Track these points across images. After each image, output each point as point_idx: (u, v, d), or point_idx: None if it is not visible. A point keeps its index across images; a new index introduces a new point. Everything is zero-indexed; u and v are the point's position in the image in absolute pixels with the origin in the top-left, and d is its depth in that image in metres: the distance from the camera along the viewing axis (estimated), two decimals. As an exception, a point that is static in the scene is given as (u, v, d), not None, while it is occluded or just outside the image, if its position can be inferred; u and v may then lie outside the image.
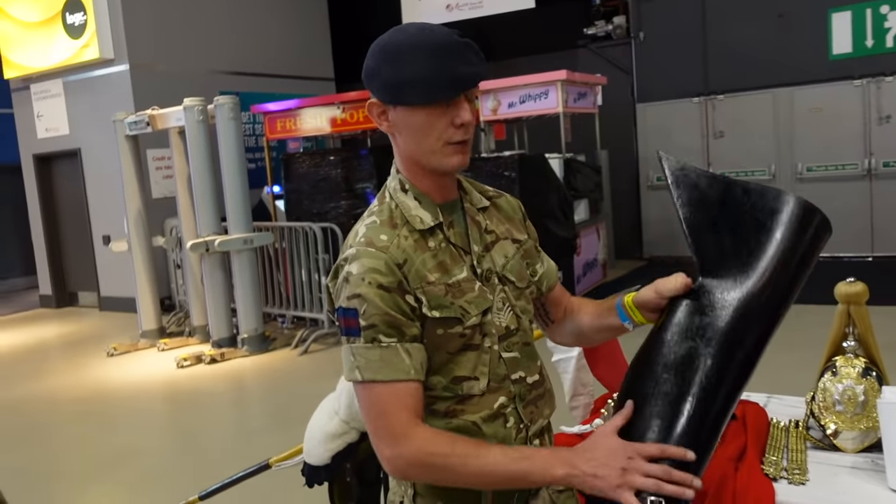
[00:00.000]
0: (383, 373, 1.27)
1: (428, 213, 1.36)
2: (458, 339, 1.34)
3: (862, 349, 1.96)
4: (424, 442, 1.26)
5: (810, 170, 9.01)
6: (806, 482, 1.77)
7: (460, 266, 1.36)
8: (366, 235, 1.33)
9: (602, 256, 8.69)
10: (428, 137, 1.31)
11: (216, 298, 6.90)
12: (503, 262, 1.43)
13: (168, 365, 6.63)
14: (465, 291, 1.35)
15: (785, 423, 2.09)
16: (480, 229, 1.43)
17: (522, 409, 1.40)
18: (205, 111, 6.78)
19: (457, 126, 1.31)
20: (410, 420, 1.28)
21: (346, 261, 1.32)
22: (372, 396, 1.29)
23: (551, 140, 8.21)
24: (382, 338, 1.28)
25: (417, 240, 1.34)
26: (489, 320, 1.37)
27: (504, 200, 1.53)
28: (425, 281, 1.32)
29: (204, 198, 6.84)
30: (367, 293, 1.28)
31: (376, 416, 1.29)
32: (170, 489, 3.73)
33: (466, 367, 1.35)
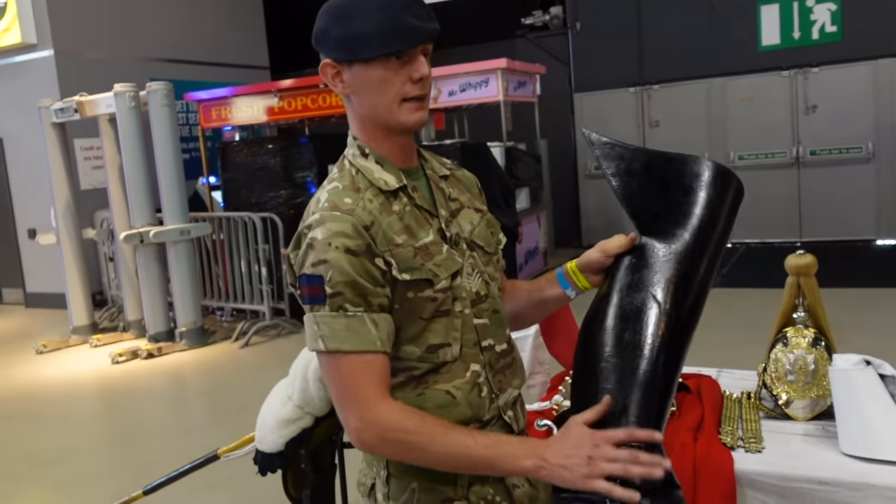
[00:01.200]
0: (349, 342, 1.23)
1: (391, 175, 1.33)
2: (430, 303, 1.31)
3: (811, 320, 2.01)
4: (393, 416, 1.23)
5: (742, 158, 9.27)
6: (762, 450, 1.81)
7: (426, 229, 1.33)
8: (329, 200, 1.29)
9: (543, 244, 8.77)
10: (385, 94, 1.28)
11: (152, 291, 6.68)
12: (470, 227, 1.42)
13: (102, 361, 6.40)
14: (433, 254, 1.32)
15: (737, 394, 2.13)
16: (445, 196, 1.41)
17: (492, 377, 1.38)
18: (137, 98, 6.54)
19: (414, 81, 1.28)
20: (378, 393, 1.24)
21: (309, 227, 1.27)
22: (337, 367, 1.24)
23: (492, 129, 8.23)
24: (349, 306, 1.23)
25: (382, 202, 1.30)
26: (459, 284, 1.35)
27: (461, 174, 1.53)
28: (393, 243, 1.28)
29: (137, 188, 6.61)
30: (334, 258, 1.23)
31: (342, 386, 1.25)
32: (109, 488, 3.60)
33: (440, 333, 1.32)
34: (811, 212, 8.94)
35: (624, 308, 1.36)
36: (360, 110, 1.33)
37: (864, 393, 1.74)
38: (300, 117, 8.37)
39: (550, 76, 9.33)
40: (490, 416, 1.37)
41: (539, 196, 8.90)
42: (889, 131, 8.54)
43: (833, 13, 8.71)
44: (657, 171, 1.45)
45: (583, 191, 10.22)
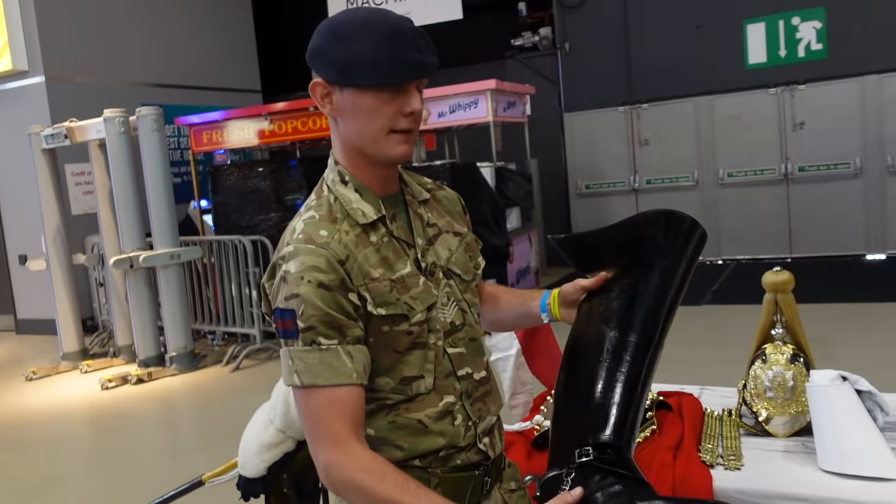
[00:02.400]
0: (323, 377, 1.21)
1: (370, 205, 1.31)
2: (406, 336, 1.30)
3: (789, 336, 2.02)
4: (357, 466, 1.21)
5: (731, 175, 9.33)
6: (741, 467, 1.81)
7: (404, 261, 1.32)
8: (304, 231, 1.27)
9: (535, 264, 8.78)
10: (373, 123, 1.26)
11: (142, 316, 6.66)
12: (447, 255, 1.40)
13: (92, 387, 6.36)
14: (409, 287, 1.30)
15: (719, 412, 2.14)
16: (423, 222, 1.39)
17: (470, 406, 1.37)
18: (126, 123, 6.56)
19: (405, 114, 1.27)
20: (350, 433, 1.22)
21: (283, 259, 1.25)
22: (311, 402, 1.23)
23: (482, 149, 8.29)
24: (322, 340, 1.22)
25: (359, 234, 1.29)
26: (434, 316, 1.33)
27: (443, 193, 1.51)
28: (369, 277, 1.27)
29: (127, 212, 6.61)
30: (306, 293, 1.21)
31: (314, 421, 1.23)
32: (96, 514, 3.56)
33: (414, 366, 1.31)
34: (800, 228, 8.99)
35: (585, 340, 1.44)
36: (346, 136, 1.31)
37: (840, 409, 1.74)
38: (291, 140, 8.40)
39: (540, 96, 9.40)
40: (466, 443, 1.36)
41: (530, 215, 8.93)
42: (876, 147, 8.62)
43: (818, 31, 8.82)
44: (613, 238, 1.55)
45: (574, 210, 10.26)
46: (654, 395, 2.11)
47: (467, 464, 1.36)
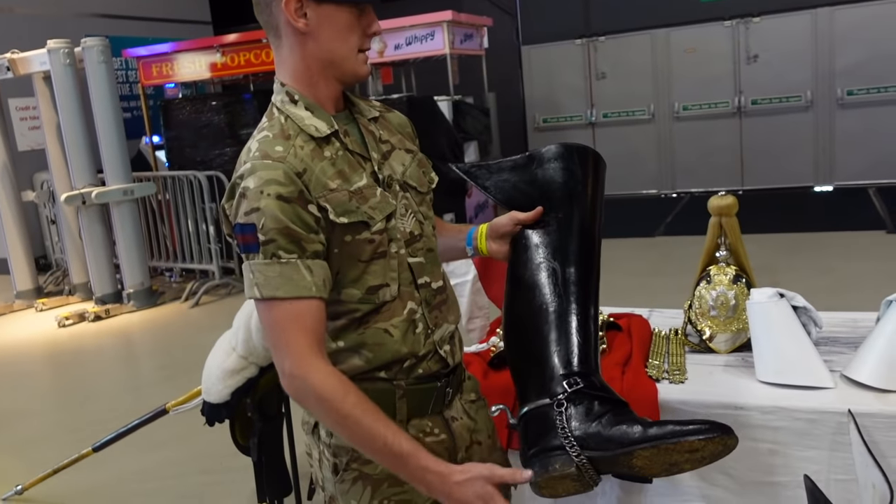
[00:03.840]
0: (283, 290, 1.24)
1: (322, 121, 1.34)
2: (368, 245, 1.33)
3: (732, 258, 2.11)
4: (321, 379, 1.24)
5: (686, 108, 9.42)
6: (684, 381, 1.91)
7: (360, 173, 1.35)
8: (259, 149, 1.29)
9: (493, 198, 8.82)
10: (348, 41, 1.31)
11: (97, 253, 6.58)
12: (402, 168, 1.44)
13: (48, 325, 6.31)
14: (367, 197, 1.34)
15: (666, 331, 2.23)
16: (375, 138, 1.42)
17: (428, 313, 1.42)
18: (72, 54, 6.34)
19: (369, 34, 1.33)
20: (312, 345, 1.25)
21: (241, 177, 1.27)
22: (272, 314, 1.26)
23: (439, 83, 8.20)
24: (282, 253, 1.24)
25: (314, 149, 1.31)
26: (394, 225, 1.38)
27: (393, 115, 1.53)
28: (327, 188, 1.30)
29: (77, 148, 6.44)
30: (266, 206, 1.23)
31: (277, 333, 1.26)
32: (60, 447, 3.60)
33: (378, 274, 1.35)
34: (752, 160, 9.16)
35: (531, 275, 1.52)
36: (315, 52, 1.32)
37: (777, 324, 1.84)
38: (244, 73, 8.21)
39: (497, 29, 9.29)
40: (426, 350, 1.42)
41: (488, 150, 8.92)
42: (826, 80, 8.76)
43: (774, -38, 8.83)
44: (525, 170, 1.62)
45: (532, 144, 10.28)
46: (605, 317, 2.19)
47: (429, 374, 1.42)
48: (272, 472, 2.50)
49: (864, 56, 8.51)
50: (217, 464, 3.38)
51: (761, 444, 1.75)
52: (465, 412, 1.52)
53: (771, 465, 1.75)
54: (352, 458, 1.39)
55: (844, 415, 1.65)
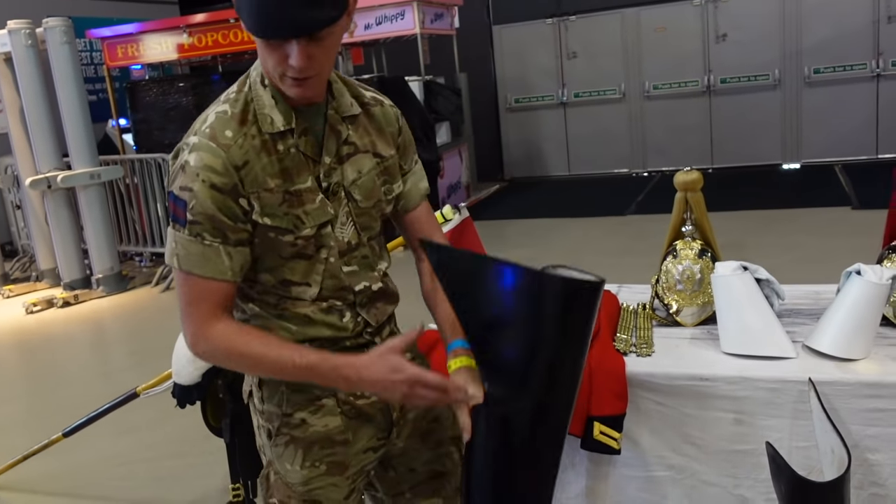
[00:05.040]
0: (200, 268, 1.29)
1: (281, 116, 1.31)
2: (290, 247, 1.35)
3: (698, 232, 2.14)
4: (223, 338, 1.30)
5: (657, 87, 9.47)
6: (652, 354, 1.94)
7: (305, 176, 1.34)
8: (212, 126, 1.29)
9: (465, 179, 8.84)
10: (266, 63, 1.28)
11: (64, 238, 6.48)
12: (354, 176, 1.40)
13: (15, 311, 6.22)
14: (304, 202, 1.33)
15: (634, 306, 2.26)
16: (339, 140, 1.38)
17: (366, 313, 1.44)
18: (34, 35, 6.20)
19: (287, 64, 1.23)
20: (216, 313, 1.31)
21: (187, 146, 1.29)
22: (186, 285, 1.31)
23: (410, 63, 8.16)
24: (206, 236, 1.28)
25: (266, 141, 1.30)
26: (328, 233, 1.37)
27: (380, 110, 1.47)
28: (263, 187, 1.30)
29: (41, 131, 6.32)
30: (199, 190, 1.26)
31: (187, 303, 1.32)
32: (30, 433, 3.56)
33: (297, 272, 1.37)
34: (721, 138, 9.25)
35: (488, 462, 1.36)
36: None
37: (740, 295, 1.88)
38: (212, 54, 8.09)
39: (468, 8, 9.25)
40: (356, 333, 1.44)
41: (460, 130, 8.92)
42: (794, 58, 8.85)
43: (742, -59, 8.87)
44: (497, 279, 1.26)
45: (504, 124, 10.29)
46: (574, 292, 2.21)
47: (356, 346, 1.44)
48: (245, 453, 2.50)
49: (830, 35, 8.61)
50: (190, 446, 3.37)
51: (726, 413, 1.78)
52: None
53: (735, 434, 1.79)
54: (282, 423, 1.43)
55: (806, 384, 1.69)
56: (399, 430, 1.53)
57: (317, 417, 1.42)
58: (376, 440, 1.50)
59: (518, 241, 6.68)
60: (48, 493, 3.23)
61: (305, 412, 1.42)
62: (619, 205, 7.90)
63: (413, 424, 1.55)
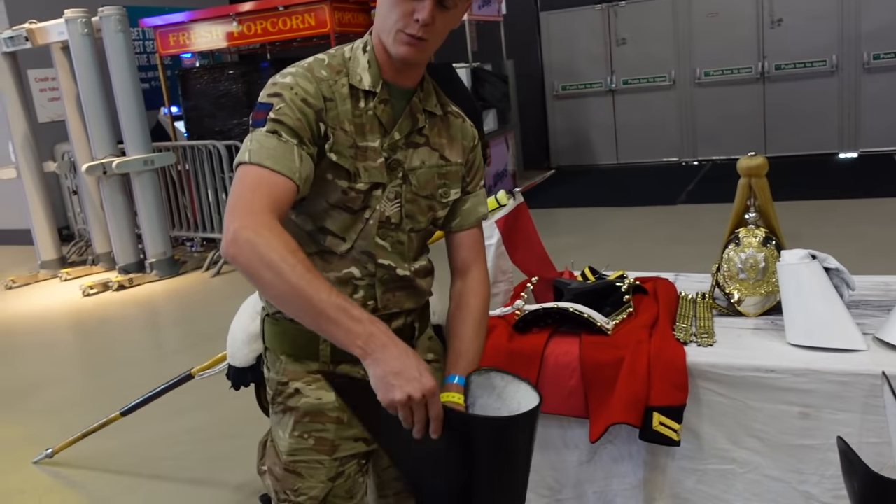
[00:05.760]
0: (272, 160, 1.26)
1: (370, 77, 1.37)
2: (341, 194, 1.36)
3: (762, 220, 2.08)
4: (272, 232, 1.19)
5: (708, 74, 9.27)
6: (713, 344, 1.90)
7: (374, 138, 1.37)
8: (310, 64, 1.36)
9: (512, 167, 8.78)
10: (388, 17, 1.32)
11: (119, 223, 6.62)
12: (417, 164, 1.42)
13: (73, 294, 6.38)
14: (367, 158, 1.37)
15: (693, 295, 2.21)
16: (414, 125, 1.41)
17: (381, 293, 1.42)
18: (90, 23, 6.33)
19: (413, 18, 1.29)
20: (272, 207, 1.23)
21: (281, 75, 1.34)
22: (251, 175, 1.26)
23: (457, 50, 8.11)
24: (284, 133, 1.28)
25: (351, 94, 1.36)
26: (378, 195, 1.39)
27: (459, 122, 1.50)
28: (340, 126, 1.34)
29: (97, 118, 6.46)
30: (289, 97, 1.30)
31: (248, 188, 1.24)
32: (88, 412, 3.65)
33: (337, 223, 1.38)
34: (776, 126, 9.02)
35: None
36: (377, 18, 1.36)
37: (808, 285, 1.82)
38: (261, 42, 8.15)
39: (516, -6, 9.16)
40: None
41: (507, 117, 8.86)
42: (852, 44, 8.57)
43: (800, -77, 8.60)
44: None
45: (551, 111, 10.18)
46: (631, 280, 2.17)
47: None
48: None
49: (890, 19, 8.31)
50: (242, 428, 3.42)
51: (792, 406, 1.73)
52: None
53: (801, 428, 1.74)
54: (278, 391, 1.45)
55: (878, 377, 1.62)
56: None
57: (311, 389, 1.42)
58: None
59: (566, 230, 6.62)
60: (105, 471, 3.31)
61: (300, 382, 1.43)
62: (669, 194, 7.77)
63: None
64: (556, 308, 2.01)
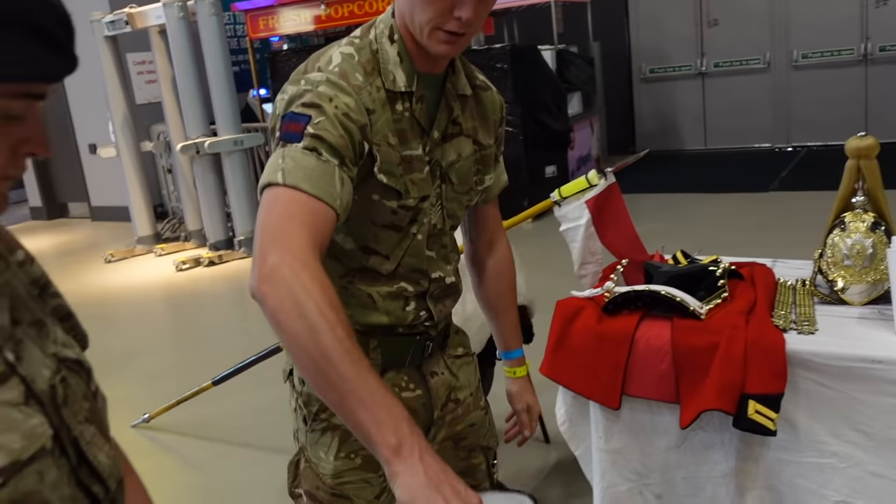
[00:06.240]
0: (309, 183, 1.06)
1: (404, 75, 1.23)
2: (390, 214, 1.25)
3: (871, 204, 1.97)
4: (314, 277, 0.98)
5: (805, 56, 8.86)
6: (815, 332, 1.82)
7: (416, 142, 1.26)
8: (340, 66, 1.18)
9: (596, 151, 8.63)
10: (423, 12, 1.17)
11: (210, 201, 6.86)
12: (454, 158, 1.33)
13: (166, 269, 6.66)
14: (413, 169, 1.25)
15: (792, 282, 2.13)
16: (449, 117, 1.31)
17: (433, 305, 1.36)
18: (185, 7, 6.54)
19: (454, 16, 1.16)
20: (313, 242, 1.03)
21: (310, 82, 1.15)
22: (284, 198, 1.05)
23: (542, 32, 8.02)
24: (324, 152, 1.09)
25: (386, 97, 1.22)
26: (426, 208, 1.29)
27: (488, 95, 1.41)
28: (386, 141, 1.21)
29: (191, 99, 6.69)
30: (330, 111, 1.12)
31: (280, 221, 1.03)
32: (179, 381, 3.81)
33: (382, 242, 1.27)
34: (878, 112, 8.55)
35: None
36: (401, 7, 1.22)
37: (922, 273, 1.72)
38: (347, 25, 8.25)
39: (604, -26, 8.97)
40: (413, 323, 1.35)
41: (592, 101, 8.71)
42: (968, 23, 8.04)
43: None
44: None
45: (637, 95, 9.95)
46: (727, 265, 2.10)
47: (409, 333, 1.35)
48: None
49: None
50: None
51: (900, 400, 1.65)
52: (447, 367, 1.45)
53: (910, 423, 1.65)
54: (321, 407, 1.32)
55: None
56: (436, 430, 1.43)
57: None
58: None
59: (652, 216, 6.47)
60: (197, 437, 3.45)
61: None
62: (761, 180, 7.49)
63: (449, 427, 1.47)
64: (647, 290, 1.97)
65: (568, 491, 2.71)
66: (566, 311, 2.04)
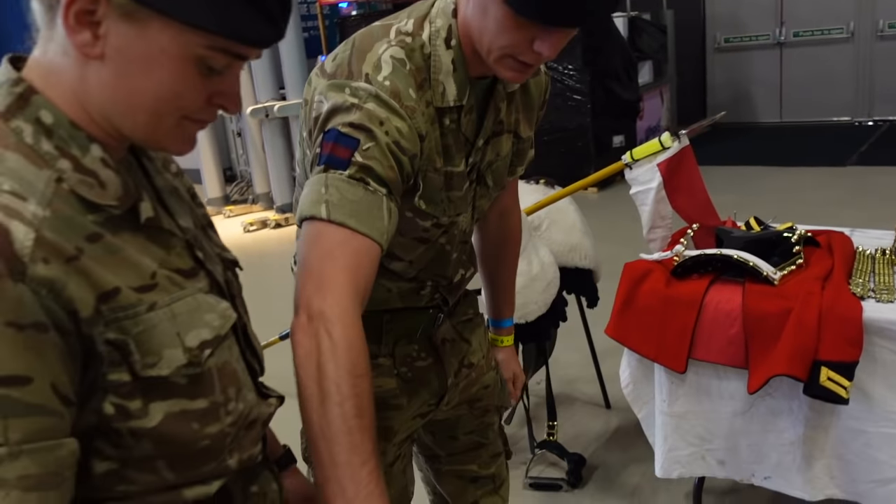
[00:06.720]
0: (356, 219, 0.99)
1: (455, 87, 1.12)
2: (421, 231, 1.21)
3: (962, 171, 1.89)
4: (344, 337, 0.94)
5: (893, 26, 8.43)
6: (894, 300, 1.76)
7: (461, 157, 1.19)
8: (392, 80, 1.07)
9: (665, 122, 8.44)
10: (496, 39, 1.05)
11: (277, 165, 6.99)
12: (492, 158, 1.26)
13: (235, 230, 6.84)
14: (453, 187, 1.19)
15: (871, 251, 2.06)
16: (496, 118, 1.23)
17: (448, 293, 1.35)
18: (258, -28, 6.62)
19: (535, 51, 1.05)
20: (358, 287, 0.98)
21: (357, 96, 1.05)
22: (328, 235, 0.99)
23: (615, -2, 7.83)
24: (372, 182, 1.01)
25: (435, 113, 1.13)
26: (459, 222, 1.25)
27: (535, 81, 1.30)
28: (433, 166, 1.14)
29: (261, 63, 6.79)
30: (381, 137, 1.03)
31: (323, 256, 0.99)
32: (249, 336, 3.92)
33: (408, 250, 1.23)
34: (971, 84, 8.12)
35: None
36: (470, 19, 1.09)
37: None
38: (416, -10, 8.24)
39: (680, -61, 8.69)
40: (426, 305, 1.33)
41: (663, 70, 8.49)
42: None
43: None
44: None
45: (710, 65, 9.65)
46: (803, 232, 2.05)
47: (424, 308, 1.33)
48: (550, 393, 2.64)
49: None
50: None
51: (984, 371, 1.59)
52: (458, 332, 1.42)
53: None
54: None
55: None
56: (450, 396, 1.42)
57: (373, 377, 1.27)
58: (427, 406, 1.37)
59: (723, 188, 6.27)
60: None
61: None
62: (839, 154, 7.21)
63: (463, 392, 1.45)
64: (719, 254, 1.94)
65: (628, 455, 2.70)
66: (634, 273, 2.02)
